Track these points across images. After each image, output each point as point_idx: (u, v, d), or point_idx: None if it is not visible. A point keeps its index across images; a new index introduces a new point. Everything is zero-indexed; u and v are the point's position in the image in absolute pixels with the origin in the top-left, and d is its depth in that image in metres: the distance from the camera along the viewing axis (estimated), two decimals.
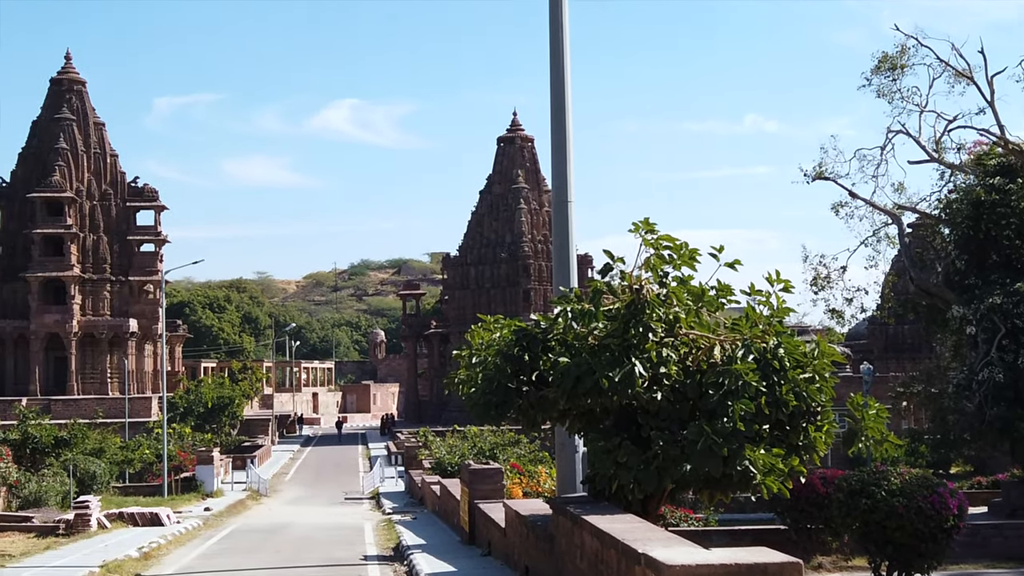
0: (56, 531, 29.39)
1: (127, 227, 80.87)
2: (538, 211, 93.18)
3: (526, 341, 12.19)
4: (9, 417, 48.24)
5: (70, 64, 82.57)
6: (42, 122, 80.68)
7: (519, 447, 39.91)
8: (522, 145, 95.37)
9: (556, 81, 15.77)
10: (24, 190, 77.83)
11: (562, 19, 15.85)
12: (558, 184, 15.78)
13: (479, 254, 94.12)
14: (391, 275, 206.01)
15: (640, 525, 10.43)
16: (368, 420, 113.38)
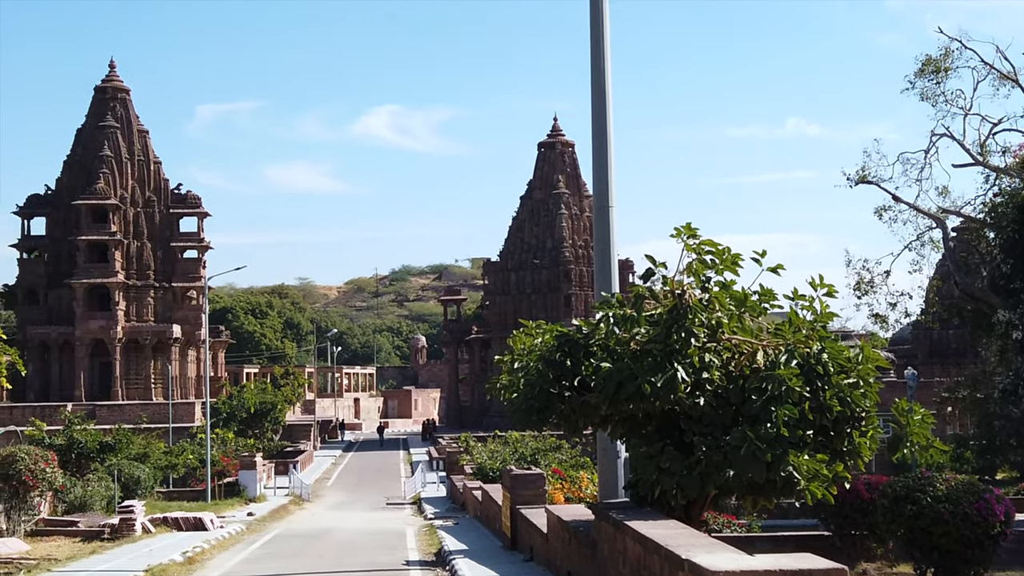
0: (101, 535, 29.61)
1: (170, 234, 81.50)
2: (579, 216, 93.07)
3: (568, 346, 12.19)
4: (55, 422, 48.69)
5: (114, 72, 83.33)
6: (87, 130, 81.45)
7: (560, 452, 39.87)
8: (563, 150, 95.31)
9: (597, 87, 15.76)
10: (69, 197, 78.56)
11: (603, 25, 15.84)
12: (599, 189, 15.76)
13: (520, 259, 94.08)
14: (432, 281, 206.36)
15: (683, 531, 10.40)
16: (409, 425, 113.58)
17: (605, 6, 15.93)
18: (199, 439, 56.96)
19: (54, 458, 32.17)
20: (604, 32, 15.83)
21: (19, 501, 30.04)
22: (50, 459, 31.38)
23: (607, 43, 15.84)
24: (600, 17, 15.85)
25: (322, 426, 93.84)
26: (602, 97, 15.74)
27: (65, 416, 43.25)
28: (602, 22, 15.85)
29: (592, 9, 15.93)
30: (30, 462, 30.05)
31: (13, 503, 29.89)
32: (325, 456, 77.88)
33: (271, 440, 73.13)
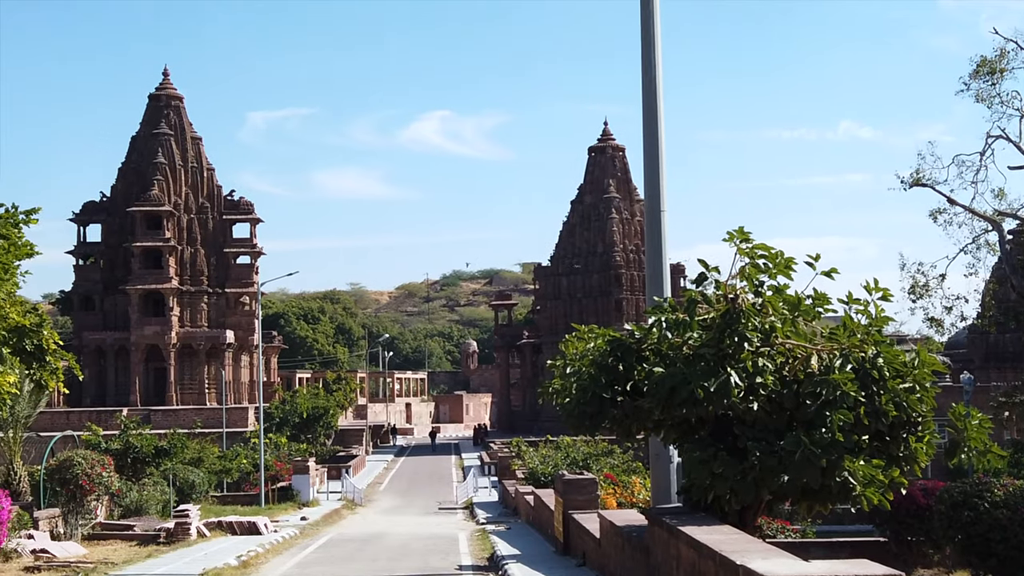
0: (157, 539, 29.86)
1: (223, 240, 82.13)
2: (629, 220, 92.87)
3: (620, 351, 12.17)
4: (111, 427, 49.20)
5: (168, 80, 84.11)
6: (141, 137, 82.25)
7: (612, 457, 39.77)
8: (613, 155, 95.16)
9: (648, 90, 15.72)
10: (124, 204, 79.36)
11: (653, 28, 15.80)
12: (651, 194, 15.72)
13: (571, 264, 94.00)
14: (483, 286, 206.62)
15: (738, 536, 10.35)
16: (461, 430, 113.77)
17: (656, 9, 15.89)
18: (252, 444, 57.28)
19: (110, 462, 32.48)
20: (655, 35, 15.79)
21: (76, 505, 30.37)
22: (106, 463, 31.69)
23: (658, 46, 15.80)
24: (651, 20, 15.81)
25: (374, 431, 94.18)
26: (653, 101, 15.69)
27: (121, 421, 43.64)
28: (652, 25, 15.81)
29: (643, 12, 15.90)
30: (87, 466, 30.37)
31: (70, 507, 30.21)
32: (377, 461, 78.14)
33: (324, 445, 73.45)
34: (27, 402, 32.63)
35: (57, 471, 30.60)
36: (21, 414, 32.83)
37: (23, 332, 17.10)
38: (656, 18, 15.86)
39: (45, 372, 18.41)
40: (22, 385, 28.88)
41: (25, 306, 19.06)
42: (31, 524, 27.49)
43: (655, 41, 15.78)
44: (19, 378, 19.14)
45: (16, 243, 16.17)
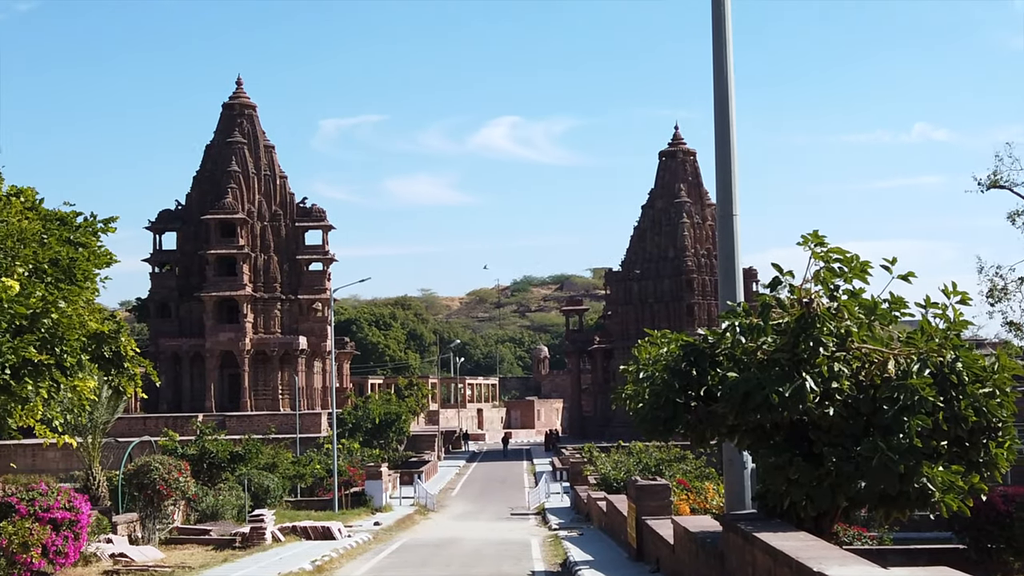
0: (233, 544, 30.15)
1: (296, 247, 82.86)
2: (701, 225, 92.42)
3: (694, 356, 12.09)
4: (187, 432, 49.77)
5: (241, 89, 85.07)
6: (215, 146, 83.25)
7: (685, 463, 39.52)
8: (684, 159, 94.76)
9: (720, 94, 15.63)
10: (199, 212, 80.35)
11: (725, 31, 15.70)
12: (723, 198, 15.61)
13: (642, 269, 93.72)
14: (553, 291, 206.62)
15: (814, 543, 10.25)
16: (532, 436, 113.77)
17: (727, 12, 15.78)
18: (326, 449, 57.70)
19: (187, 467, 32.85)
20: (726, 39, 15.69)
21: (154, 510, 30.75)
22: (183, 469, 32.06)
23: (730, 50, 15.70)
24: (722, 23, 15.71)
25: (446, 436, 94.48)
26: (725, 104, 15.59)
27: (196, 426, 44.11)
28: (724, 28, 15.71)
29: (714, 15, 15.80)
30: (164, 472, 30.75)
31: (148, 512, 30.60)
32: (449, 466, 78.36)
33: (396, 450, 73.79)
34: (105, 408, 33.09)
35: (135, 476, 31.00)
36: (100, 420, 33.30)
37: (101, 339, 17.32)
38: (728, 21, 15.76)
39: (123, 378, 18.64)
40: (101, 391, 29.33)
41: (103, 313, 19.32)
42: (110, 528, 27.86)
43: (727, 44, 15.68)
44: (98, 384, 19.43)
45: (95, 251, 16.41)
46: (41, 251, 14.61)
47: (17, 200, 19.91)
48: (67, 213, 18.06)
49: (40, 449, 60.24)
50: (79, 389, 15.58)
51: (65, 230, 16.65)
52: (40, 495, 22.38)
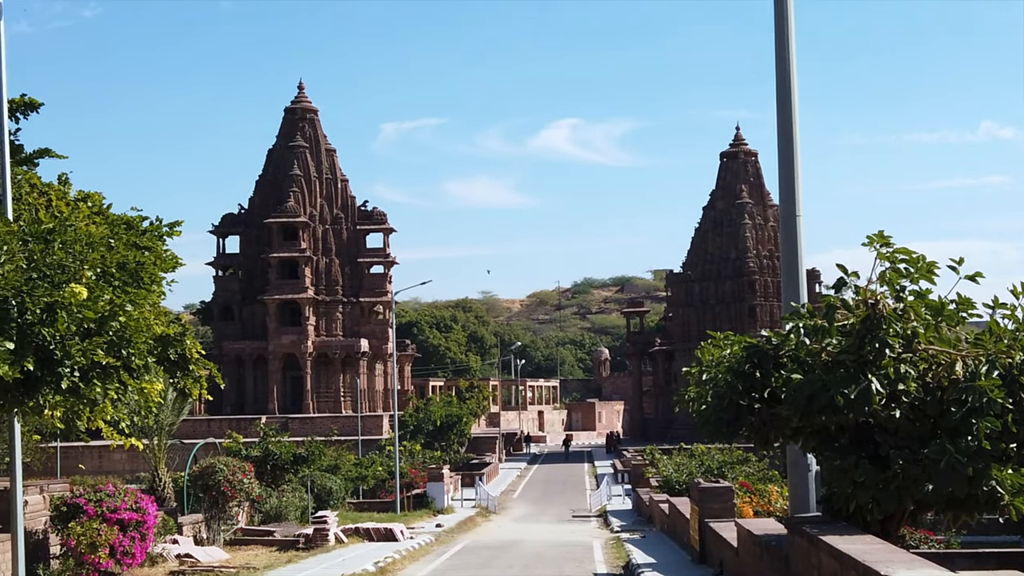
0: (296, 545, 30.37)
1: (357, 250, 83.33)
2: (763, 226, 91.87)
3: (757, 357, 12.01)
4: (250, 434, 50.22)
5: (303, 94, 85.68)
6: (277, 150, 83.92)
7: (748, 465, 39.30)
8: (745, 160, 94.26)
9: (782, 94, 15.52)
10: (261, 216, 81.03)
11: (787, 30, 15.60)
12: (785, 198, 15.50)
13: (703, 270, 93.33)
14: (614, 293, 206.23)
15: (881, 546, 10.16)
16: (593, 438, 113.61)
17: (790, 11, 15.68)
18: (387, 451, 57.98)
19: (251, 469, 33.14)
20: (789, 38, 15.58)
21: (218, 511, 31.05)
22: (247, 470, 32.35)
23: (792, 49, 15.59)
24: (784, 22, 15.61)
25: (507, 438, 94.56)
26: (788, 104, 15.49)
27: (260, 428, 44.51)
28: (787, 27, 15.60)
29: (776, 15, 15.70)
30: (229, 473, 31.05)
31: (213, 513, 30.91)
32: (510, 468, 78.43)
33: (457, 452, 73.94)
34: (171, 410, 33.51)
35: (200, 477, 31.33)
36: (165, 422, 33.72)
37: (167, 341, 17.49)
38: (790, 20, 15.65)
39: (188, 380, 18.81)
40: (166, 394, 29.68)
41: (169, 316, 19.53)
42: (176, 529, 28.17)
43: (789, 43, 15.57)
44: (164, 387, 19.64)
45: (161, 255, 16.57)
46: (109, 255, 14.77)
47: (84, 205, 20.17)
48: (133, 217, 18.26)
49: (107, 451, 61.05)
50: (146, 391, 15.75)
51: (132, 234, 16.82)
52: (108, 496, 22.69)
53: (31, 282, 12.91)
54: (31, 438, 30.40)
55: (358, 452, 60.42)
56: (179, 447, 42.65)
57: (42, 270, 13.30)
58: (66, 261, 13.64)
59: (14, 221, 15.90)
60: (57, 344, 12.86)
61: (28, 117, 21.96)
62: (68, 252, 13.86)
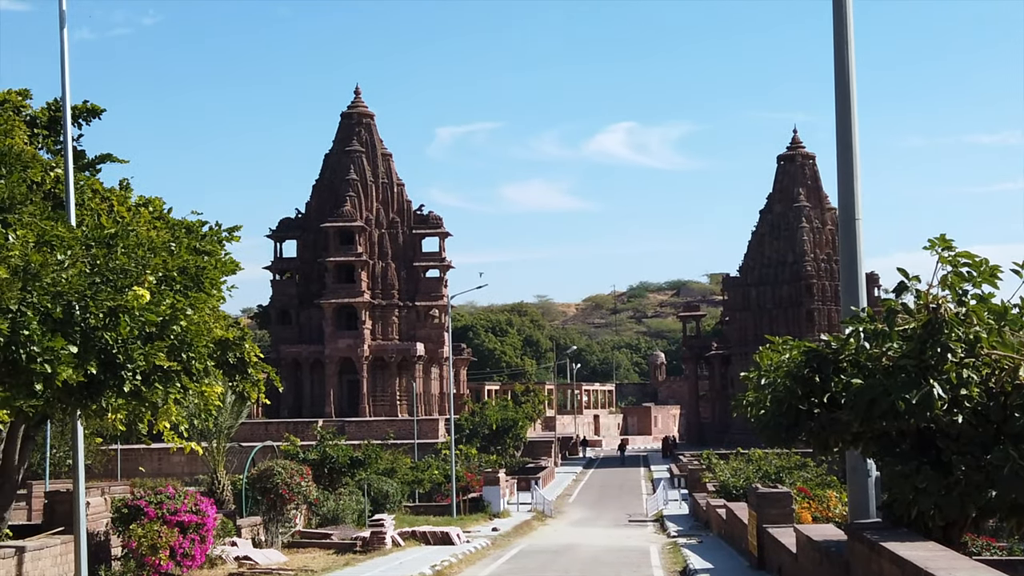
0: (353, 548, 30.49)
1: (413, 254, 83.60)
2: (820, 229, 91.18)
3: (817, 362, 11.93)
4: (307, 438, 50.50)
5: (359, 99, 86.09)
6: (334, 155, 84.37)
7: (806, 470, 39.00)
8: (803, 163, 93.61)
9: (841, 97, 15.41)
10: (318, 220, 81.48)
11: (847, 33, 15.48)
12: (845, 201, 15.38)
13: (760, 274, 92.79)
14: (670, 297, 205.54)
15: (943, 553, 10.06)
16: (649, 442, 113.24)
17: (849, 12, 15.56)
18: (443, 455, 58.10)
19: (308, 472, 33.32)
20: (848, 40, 15.46)
21: (276, 514, 31.25)
22: (305, 473, 32.53)
23: (851, 51, 15.47)
24: (844, 24, 15.50)
25: (562, 442, 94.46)
26: (847, 106, 15.37)
27: (317, 432, 44.77)
28: (846, 29, 15.49)
29: (835, 16, 15.59)
30: (286, 476, 31.24)
31: (271, 515, 31.11)
32: (566, 472, 78.34)
33: (513, 456, 73.96)
34: (229, 413, 33.76)
35: (258, 480, 31.55)
36: (224, 425, 33.98)
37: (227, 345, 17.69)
38: (849, 22, 15.54)
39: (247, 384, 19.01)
40: (225, 397, 29.92)
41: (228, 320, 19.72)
42: (234, 532, 28.39)
43: (848, 45, 15.45)
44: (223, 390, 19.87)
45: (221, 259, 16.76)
46: (170, 260, 14.95)
47: (145, 210, 20.43)
48: (193, 222, 18.49)
49: (166, 453, 61.64)
50: (206, 395, 15.92)
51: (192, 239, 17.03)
52: (168, 498, 22.91)
53: (94, 286, 13.09)
54: (93, 440, 30.75)
55: (414, 456, 60.58)
56: (237, 450, 42.92)
57: (105, 275, 13.48)
58: (128, 266, 13.81)
59: (77, 226, 16.12)
60: (119, 348, 13.03)
61: (90, 123, 22.25)
62: (130, 257, 14.03)
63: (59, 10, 19.10)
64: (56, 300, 12.53)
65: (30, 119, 20.80)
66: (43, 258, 12.86)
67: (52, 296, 12.50)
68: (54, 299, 12.51)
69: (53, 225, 14.24)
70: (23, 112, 20.54)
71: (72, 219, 17.45)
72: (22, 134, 18.33)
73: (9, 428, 18.71)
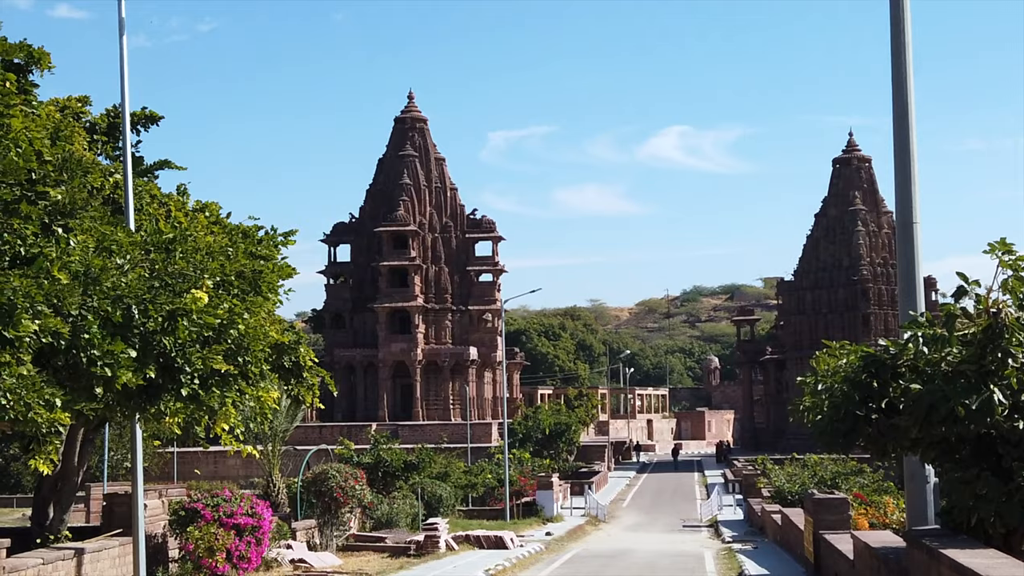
0: (407, 552, 30.55)
1: (466, 258, 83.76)
2: (876, 233, 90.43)
3: (875, 367, 11.83)
4: (360, 441, 50.76)
5: (412, 103, 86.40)
6: (387, 159, 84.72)
7: (862, 476, 38.62)
8: (858, 166, 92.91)
9: (899, 100, 15.27)
10: (372, 225, 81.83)
11: (904, 34, 15.34)
12: (902, 205, 15.25)
13: (815, 278, 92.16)
14: (724, 301, 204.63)
15: (1004, 560, 9.95)
16: (703, 447, 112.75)
17: (906, 15, 15.41)
18: (496, 459, 58.10)
19: (363, 476, 33.44)
20: (906, 42, 15.32)
21: (331, 517, 31.37)
22: (359, 477, 32.65)
23: (909, 53, 15.33)
24: (901, 26, 15.36)
25: (615, 447, 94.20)
26: (904, 109, 15.24)
27: (370, 436, 44.96)
28: (903, 32, 15.35)
29: (892, 18, 15.45)
30: (341, 479, 31.36)
31: (326, 518, 31.24)
32: (619, 477, 78.11)
33: (566, 461, 73.81)
34: (284, 417, 33.97)
35: (313, 483, 31.69)
36: (279, 428, 34.20)
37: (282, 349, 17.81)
38: (907, 23, 15.39)
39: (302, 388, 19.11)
40: (281, 400, 30.11)
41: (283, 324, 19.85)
42: (290, 534, 28.52)
43: (906, 48, 15.31)
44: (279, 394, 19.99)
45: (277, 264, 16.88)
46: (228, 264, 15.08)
47: (202, 215, 20.62)
48: (250, 227, 18.63)
49: (222, 456, 62.20)
50: (263, 399, 16.03)
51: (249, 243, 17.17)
52: (224, 501, 23.08)
53: (153, 290, 13.22)
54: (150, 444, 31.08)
55: (467, 459, 60.65)
56: (292, 453, 43.20)
57: (164, 279, 13.61)
58: (187, 270, 13.94)
59: (136, 231, 16.30)
60: (178, 352, 13.15)
61: (148, 129, 22.49)
62: (189, 261, 14.17)
63: (118, 18, 19.32)
64: (116, 304, 12.67)
65: (90, 125, 21.06)
66: (103, 263, 13.02)
67: (112, 300, 12.65)
68: (114, 303, 12.65)
69: (112, 230, 14.41)
70: (83, 119, 20.79)
71: (131, 224, 17.65)
72: (82, 140, 18.54)
73: (69, 431, 18.92)
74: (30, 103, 15.45)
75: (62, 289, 11.93)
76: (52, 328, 11.45)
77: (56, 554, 17.71)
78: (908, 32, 15.38)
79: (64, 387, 12.08)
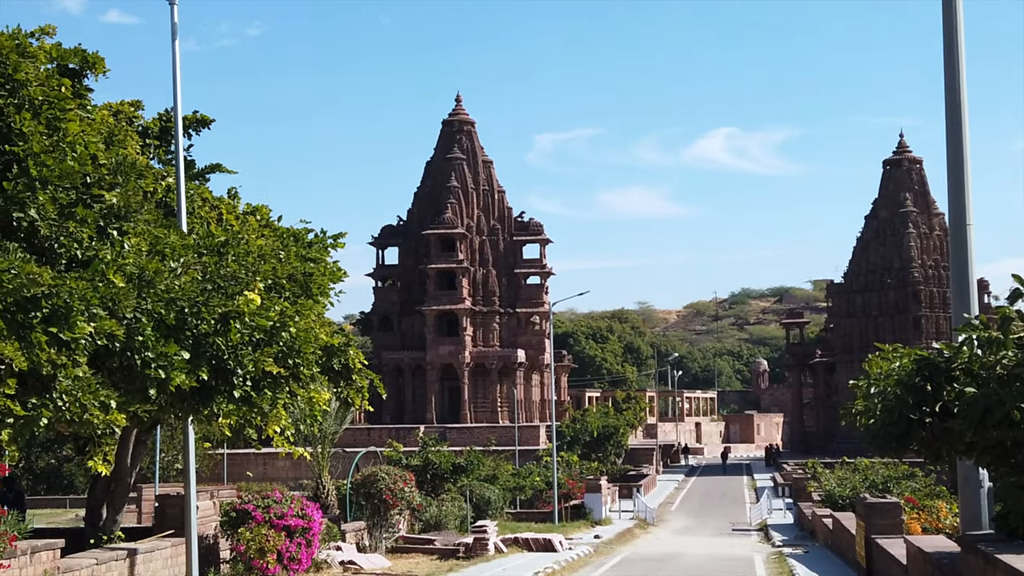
0: (456, 554, 30.60)
1: (514, 261, 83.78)
2: (928, 235, 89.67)
3: (928, 370, 11.72)
4: (409, 444, 50.89)
5: (460, 106, 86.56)
6: (435, 162, 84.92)
7: (914, 480, 38.27)
8: (909, 167, 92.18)
9: (951, 100, 15.13)
10: (419, 228, 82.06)
11: (957, 35, 15.20)
12: (955, 207, 15.11)
13: (865, 281, 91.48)
14: (772, 303, 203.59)
15: None
16: (752, 450, 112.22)
17: (959, 14, 15.27)
18: (545, 462, 58.12)
19: (412, 478, 33.53)
20: (958, 43, 15.18)
21: (380, 519, 31.47)
22: (408, 479, 32.74)
23: (961, 54, 15.18)
24: (953, 26, 15.22)
25: (664, 450, 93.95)
26: (957, 109, 15.10)
27: (419, 438, 45.07)
28: (955, 32, 15.21)
29: (944, 20, 15.31)
30: (390, 482, 31.45)
31: (375, 520, 31.35)
32: (668, 480, 77.93)
33: (614, 464, 73.73)
34: (334, 419, 34.12)
35: (362, 485, 31.80)
36: (329, 430, 34.35)
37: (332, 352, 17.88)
38: (959, 25, 15.25)
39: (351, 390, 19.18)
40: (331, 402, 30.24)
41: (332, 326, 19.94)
42: (339, 536, 28.65)
43: (959, 48, 15.17)
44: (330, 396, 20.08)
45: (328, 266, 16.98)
46: (280, 267, 15.19)
47: (253, 218, 20.76)
48: (300, 230, 18.73)
49: (272, 458, 62.60)
50: (314, 400, 16.12)
51: (299, 246, 17.28)
52: (275, 503, 23.20)
53: (206, 293, 13.33)
54: (201, 445, 31.29)
55: (515, 462, 60.65)
56: (341, 455, 43.34)
57: (216, 282, 13.72)
58: (239, 273, 14.04)
59: (188, 234, 16.43)
60: (230, 354, 13.25)
61: (200, 133, 22.65)
62: (241, 264, 14.27)
63: (171, 23, 19.49)
64: (169, 307, 12.78)
65: (142, 129, 21.24)
66: (157, 266, 13.14)
67: (165, 303, 12.76)
68: (167, 305, 12.76)
69: (166, 233, 14.54)
70: (135, 123, 20.97)
71: (184, 227, 17.79)
72: (135, 144, 18.71)
73: (122, 433, 19.10)
74: (85, 108, 15.61)
75: (117, 292, 12.05)
76: (107, 330, 11.57)
77: (109, 554, 17.89)
78: (961, 31, 15.24)
79: (119, 389, 12.20)
